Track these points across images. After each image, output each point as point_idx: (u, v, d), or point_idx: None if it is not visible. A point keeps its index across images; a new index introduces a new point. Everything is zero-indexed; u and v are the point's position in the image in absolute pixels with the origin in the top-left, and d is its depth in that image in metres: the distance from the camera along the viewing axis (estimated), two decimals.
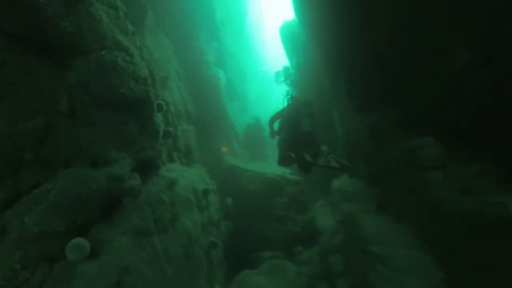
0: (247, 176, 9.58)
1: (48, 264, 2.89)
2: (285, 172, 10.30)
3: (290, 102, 6.96)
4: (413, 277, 4.58)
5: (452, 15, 3.72)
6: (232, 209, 8.79)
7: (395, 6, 4.54)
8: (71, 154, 3.31)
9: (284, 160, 6.09)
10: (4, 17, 2.76)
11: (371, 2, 5.04)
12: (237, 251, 8.50)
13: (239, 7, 21.53)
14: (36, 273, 2.77)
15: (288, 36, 13.67)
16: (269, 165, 11.13)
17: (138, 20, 8.03)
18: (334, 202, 8.89)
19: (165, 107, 7.67)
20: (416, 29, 4.28)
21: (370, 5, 5.08)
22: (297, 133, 6.18)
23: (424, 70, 4.41)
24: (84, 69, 3.56)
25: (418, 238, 4.80)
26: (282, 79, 9.77)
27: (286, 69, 10.45)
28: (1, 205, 2.86)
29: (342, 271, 7.36)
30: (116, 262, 3.26)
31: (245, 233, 8.91)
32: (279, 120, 7.06)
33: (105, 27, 3.85)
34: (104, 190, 3.38)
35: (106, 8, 4.09)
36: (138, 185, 3.99)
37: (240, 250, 8.59)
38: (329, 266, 7.61)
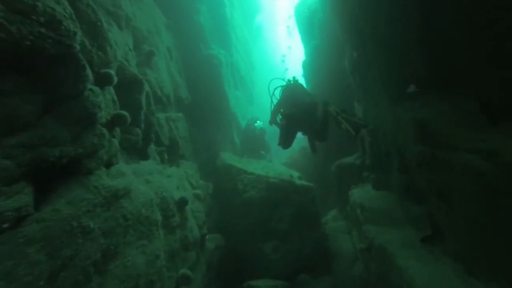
0: (245, 179, 7.74)
1: None
2: (293, 175, 8.44)
3: (283, 89, 6.31)
4: None
5: None
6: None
7: None
8: None
9: (284, 135, 5.51)
10: None
11: None
12: (225, 276, 6.73)
13: None
14: None
15: (304, 14, 11.74)
16: (273, 165, 9.24)
17: None
18: (352, 219, 7.02)
19: (146, 88, 5.94)
20: None
21: None
22: (296, 106, 5.54)
23: None
24: None
25: None
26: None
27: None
28: None
29: None
30: None
31: (239, 252, 7.14)
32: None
33: None
34: None
35: None
36: (21, 208, 2.22)
37: (230, 275, 6.82)
38: None
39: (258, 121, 11.38)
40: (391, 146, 5.74)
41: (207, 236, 6.93)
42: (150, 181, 4.36)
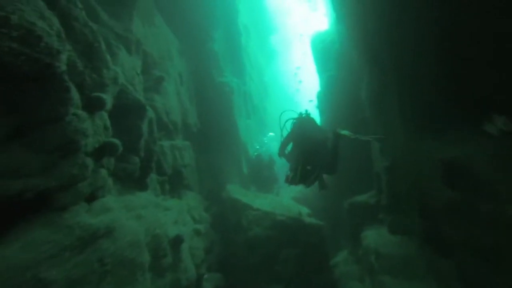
0: (250, 215, 7.22)
1: None
2: (302, 212, 7.87)
3: (294, 122, 5.92)
4: None
5: None
6: None
7: None
8: None
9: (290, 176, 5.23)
10: None
11: None
12: None
13: (265, 16, 19.50)
14: None
15: (320, 46, 11.57)
16: (281, 200, 8.68)
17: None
18: (365, 265, 6.35)
19: (150, 115, 5.66)
20: None
21: None
22: (306, 142, 5.30)
23: None
24: None
25: None
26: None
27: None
28: None
29: None
30: None
31: None
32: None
33: None
34: None
35: None
36: None
37: None
38: None
39: (270, 133, 10.87)
40: (411, 186, 5.19)
41: (205, 276, 6.36)
42: (142, 216, 3.93)
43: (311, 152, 5.28)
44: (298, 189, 12.78)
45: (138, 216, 3.86)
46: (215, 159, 9.93)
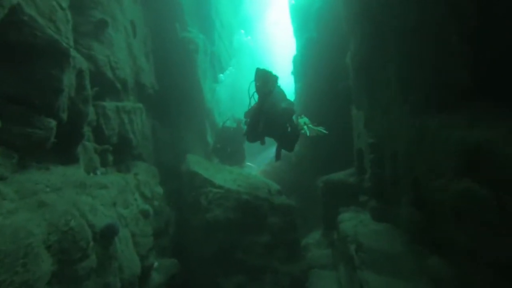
0: (211, 194, 6.16)
1: None
2: (272, 189, 6.96)
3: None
4: None
5: None
6: None
7: None
8: None
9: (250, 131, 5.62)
10: None
11: None
12: None
13: None
14: None
15: (299, 3, 10.29)
16: (248, 175, 7.65)
17: None
18: (341, 252, 5.64)
19: (80, 65, 4.30)
20: None
21: None
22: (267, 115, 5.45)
23: None
24: None
25: None
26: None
27: None
28: None
29: None
30: None
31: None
32: None
33: None
34: None
35: None
36: None
37: None
38: None
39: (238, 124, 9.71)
40: (403, 170, 4.36)
41: (155, 264, 5.38)
42: (47, 203, 2.75)
43: (269, 124, 5.47)
44: (269, 161, 11.90)
45: (40, 203, 2.68)
46: (175, 126, 8.70)
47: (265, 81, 5.41)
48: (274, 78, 5.50)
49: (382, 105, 4.98)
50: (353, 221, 5.57)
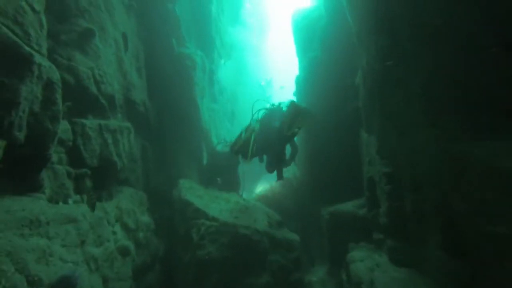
0: (203, 227, 5.38)
1: None
2: (272, 220, 6.21)
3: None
4: None
5: None
6: None
7: None
8: None
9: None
10: None
11: None
12: None
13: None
14: None
15: (302, 23, 9.85)
16: (246, 204, 6.84)
17: None
18: None
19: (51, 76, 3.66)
20: None
21: None
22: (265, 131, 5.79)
23: None
24: None
25: None
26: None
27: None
28: None
29: None
30: None
31: None
32: None
33: None
34: None
35: None
36: None
37: None
38: None
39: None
40: (431, 205, 3.65)
41: None
42: None
43: (263, 139, 5.69)
44: (268, 186, 11.12)
45: None
46: (168, 148, 8.03)
47: (294, 121, 5.48)
48: (307, 119, 5.78)
49: (399, 128, 4.32)
50: (366, 263, 4.81)
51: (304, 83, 9.27)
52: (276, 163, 5.87)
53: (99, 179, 4.99)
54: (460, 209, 2.91)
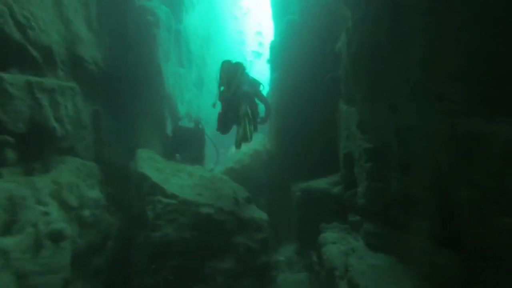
0: (160, 205, 4.69)
1: None
2: (239, 196, 5.63)
3: None
4: None
5: None
6: None
7: None
8: None
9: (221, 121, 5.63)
10: None
11: None
12: None
13: None
14: None
15: None
16: (212, 178, 6.16)
17: None
18: (323, 283, 4.45)
19: None
20: None
21: None
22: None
23: None
24: None
25: None
26: None
27: None
28: None
29: None
30: None
31: None
32: None
33: None
34: None
35: None
36: None
37: None
38: None
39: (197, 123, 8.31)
40: (422, 188, 3.17)
41: None
42: None
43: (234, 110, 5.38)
44: (238, 158, 10.51)
45: None
46: (126, 114, 7.14)
47: (231, 76, 5.37)
48: (241, 70, 5.49)
49: (390, 99, 3.78)
50: (340, 246, 4.39)
51: (279, 49, 8.50)
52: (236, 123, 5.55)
53: (29, 149, 4.14)
54: (463, 195, 2.42)
